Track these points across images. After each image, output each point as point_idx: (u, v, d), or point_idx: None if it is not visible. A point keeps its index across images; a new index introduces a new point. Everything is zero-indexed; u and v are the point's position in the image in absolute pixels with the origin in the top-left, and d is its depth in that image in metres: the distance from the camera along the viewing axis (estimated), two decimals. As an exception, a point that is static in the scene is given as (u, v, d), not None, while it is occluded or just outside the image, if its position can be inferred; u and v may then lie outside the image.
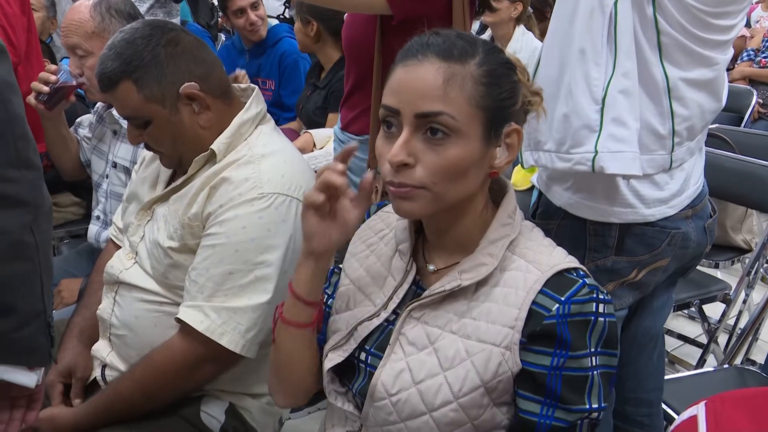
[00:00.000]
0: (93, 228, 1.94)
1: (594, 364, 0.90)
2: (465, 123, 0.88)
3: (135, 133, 1.32)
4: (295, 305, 1.01)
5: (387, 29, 1.61)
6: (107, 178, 1.88)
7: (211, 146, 1.30)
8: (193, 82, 1.27)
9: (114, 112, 1.81)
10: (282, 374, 1.08)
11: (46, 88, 1.78)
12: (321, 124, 2.66)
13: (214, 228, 1.25)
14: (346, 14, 1.89)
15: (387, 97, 0.92)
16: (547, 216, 1.37)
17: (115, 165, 1.85)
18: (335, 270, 1.15)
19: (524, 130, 0.98)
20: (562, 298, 0.89)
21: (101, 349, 1.41)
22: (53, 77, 1.78)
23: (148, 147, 1.35)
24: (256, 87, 1.42)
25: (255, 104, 1.37)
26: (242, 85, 1.44)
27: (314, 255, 0.98)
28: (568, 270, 0.93)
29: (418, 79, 0.89)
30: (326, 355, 1.04)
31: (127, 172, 1.80)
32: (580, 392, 0.90)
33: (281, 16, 4.40)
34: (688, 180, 1.31)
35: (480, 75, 0.89)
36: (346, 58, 1.84)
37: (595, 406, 0.90)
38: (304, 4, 2.67)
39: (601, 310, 0.90)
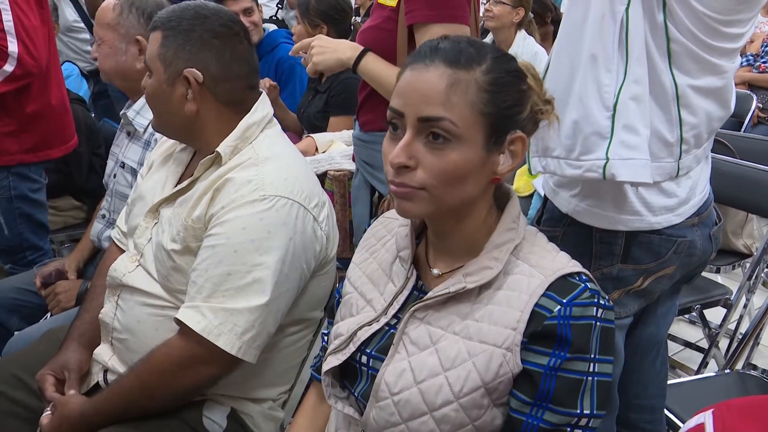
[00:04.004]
0: (97, 226, 1.95)
1: (592, 369, 0.91)
2: (466, 129, 0.89)
3: (144, 79, 1.39)
4: None
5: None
6: (115, 177, 1.90)
7: (217, 149, 1.31)
8: (199, 72, 1.30)
9: (129, 113, 1.84)
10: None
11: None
12: (322, 129, 2.63)
13: (215, 229, 1.25)
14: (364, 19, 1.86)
15: (394, 99, 0.93)
16: (552, 223, 1.37)
17: (123, 165, 1.86)
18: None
19: (531, 137, 0.98)
20: (564, 301, 0.91)
21: (103, 353, 1.41)
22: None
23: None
24: (263, 91, 1.42)
25: (261, 108, 1.37)
26: None
27: None
28: (571, 274, 0.94)
29: (423, 83, 0.90)
30: (326, 359, 1.05)
31: (134, 173, 1.81)
32: (574, 395, 0.90)
33: (274, 18, 4.36)
34: (695, 188, 1.31)
35: (485, 82, 0.90)
36: None
37: (587, 411, 0.91)
38: (310, 8, 2.66)
39: (600, 314, 0.91)
